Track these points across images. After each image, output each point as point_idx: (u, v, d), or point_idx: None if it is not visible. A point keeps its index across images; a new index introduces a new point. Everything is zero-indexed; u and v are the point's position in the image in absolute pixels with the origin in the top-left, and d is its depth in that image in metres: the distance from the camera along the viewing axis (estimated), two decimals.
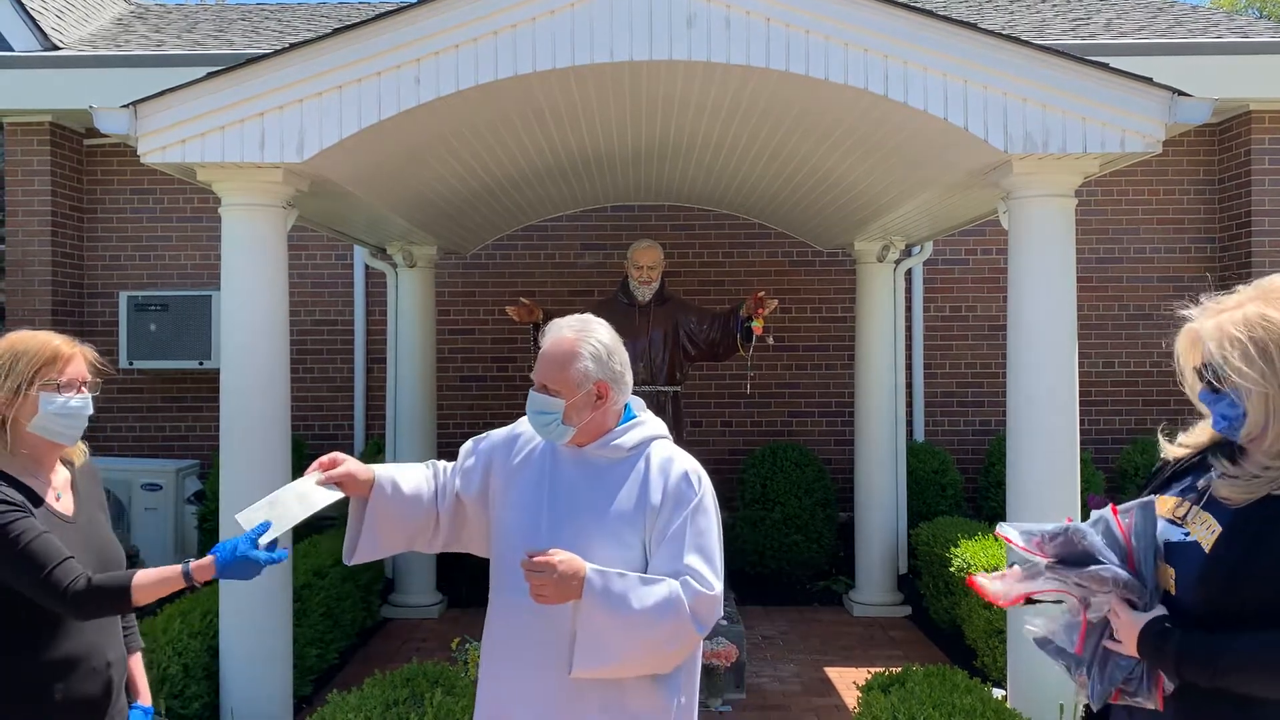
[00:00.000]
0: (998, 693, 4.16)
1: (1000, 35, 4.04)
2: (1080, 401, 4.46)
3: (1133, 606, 1.80)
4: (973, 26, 4.03)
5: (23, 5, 8.04)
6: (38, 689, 2.20)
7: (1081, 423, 4.60)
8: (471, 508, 2.46)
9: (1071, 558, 1.84)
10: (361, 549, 2.39)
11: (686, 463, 2.37)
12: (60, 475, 2.41)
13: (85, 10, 9.43)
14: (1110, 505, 1.88)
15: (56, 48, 7.97)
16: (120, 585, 2.15)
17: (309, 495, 2.25)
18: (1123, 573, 1.79)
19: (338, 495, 2.30)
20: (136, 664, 2.55)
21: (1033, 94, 4.01)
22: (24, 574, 2.14)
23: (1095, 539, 1.83)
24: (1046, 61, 4.02)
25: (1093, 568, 1.80)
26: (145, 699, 2.52)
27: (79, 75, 7.59)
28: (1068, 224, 4.26)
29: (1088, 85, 4.01)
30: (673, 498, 2.30)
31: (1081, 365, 8.19)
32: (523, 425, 2.49)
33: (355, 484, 2.34)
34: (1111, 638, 1.83)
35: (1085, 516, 1.97)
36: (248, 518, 2.18)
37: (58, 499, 2.34)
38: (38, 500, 2.27)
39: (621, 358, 2.40)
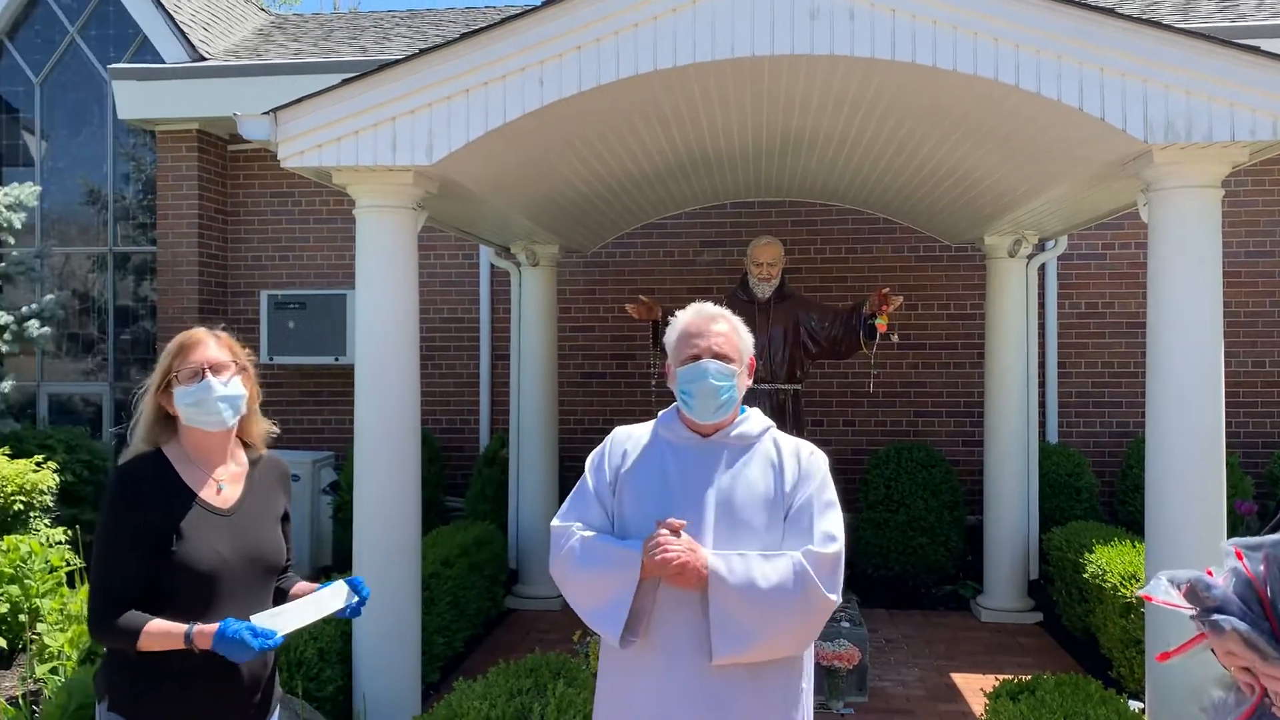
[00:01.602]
0: (1135, 705, 4.00)
1: (1138, 19, 3.87)
2: (1227, 403, 4.24)
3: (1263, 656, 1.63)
4: (1109, 11, 3.87)
5: (174, 20, 8.50)
6: (168, 673, 2.31)
7: (1228, 425, 4.38)
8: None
9: (1203, 610, 1.72)
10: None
11: (809, 445, 2.46)
12: (233, 465, 2.51)
13: (229, 22, 9.91)
14: (1235, 549, 1.72)
15: (203, 58, 8.41)
16: (133, 630, 2.25)
17: (319, 603, 2.40)
18: (1240, 625, 1.64)
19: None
20: (304, 586, 2.64)
21: (1175, 80, 3.83)
22: (94, 577, 2.32)
23: (1220, 592, 1.68)
24: (1189, 45, 3.82)
25: (1215, 617, 1.67)
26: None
27: (223, 84, 7.99)
28: (1213, 216, 4.05)
29: (1235, 69, 3.80)
30: (805, 473, 2.37)
31: (1228, 364, 7.82)
32: (616, 435, 2.50)
33: None
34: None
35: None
36: (259, 620, 2.28)
37: (219, 491, 2.44)
38: (191, 494, 2.39)
39: None
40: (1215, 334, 4.04)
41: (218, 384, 2.40)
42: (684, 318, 2.43)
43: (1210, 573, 1.72)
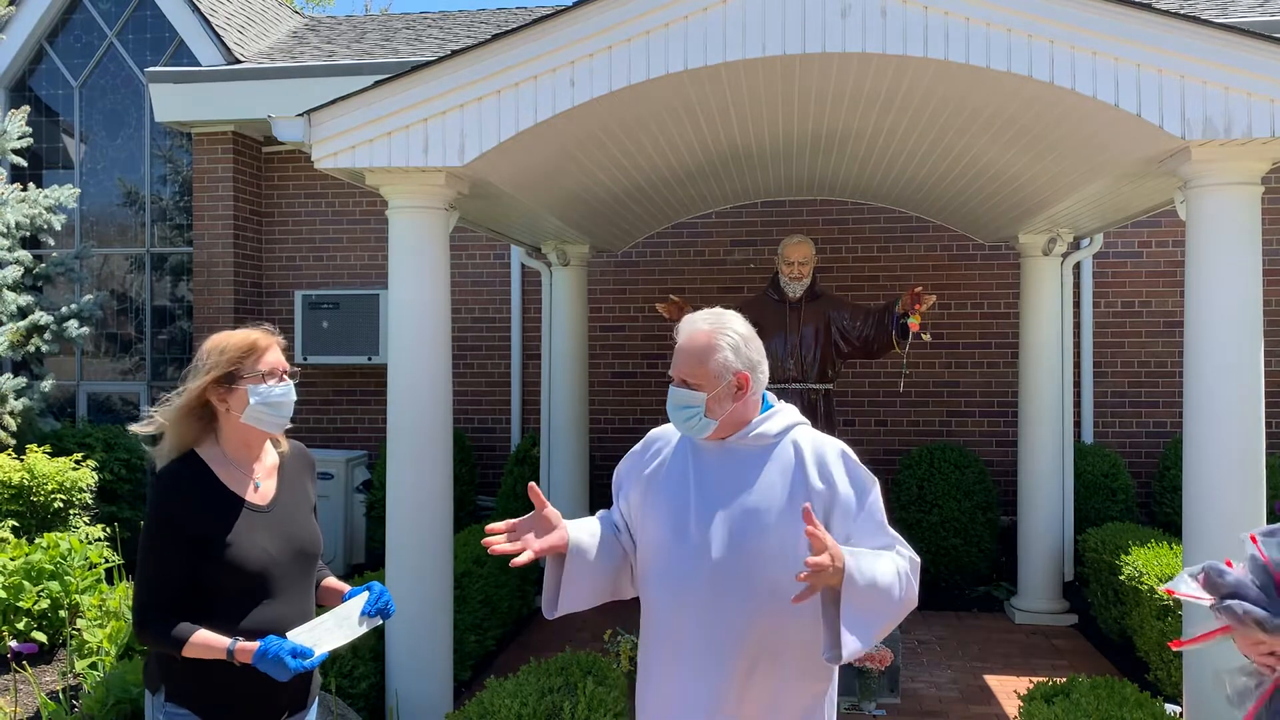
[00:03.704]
0: (1172, 709, 3.94)
1: (1176, 15, 3.82)
2: (1266, 402, 4.17)
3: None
4: (1145, 6, 3.82)
5: (209, 24, 8.60)
6: (221, 661, 2.34)
7: (1268, 425, 4.31)
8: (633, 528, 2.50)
9: (1219, 597, 1.76)
10: (562, 603, 2.38)
11: (838, 444, 2.39)
12: (267, 461, 2.55)
13: (263, 25, 10.01)
14: (1250, 535, 1.76)
15: (238, 61, 8.50)
16: (180, 639, 2.31)
17: (349, 622, 2.44)
18: (1252, 608, 1.69)
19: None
20: (332, 583, 2.68)
21: (1213, 75, 3.78)
22: (139, 583, 2.36)
23: (1234, 578, 1.73)
24: (1227, 41, 3.77)
25: (1228, 603, 1.71)
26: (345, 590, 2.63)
27: (258, 86, 8.08)
28: (1252, 213, 3.99)
29: (1274, 64, 3.74)
30: (846, 480, 2.32)
31: (1268, 364, 7.70)
32: (652, 435, 2.54)
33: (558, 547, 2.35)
34: None
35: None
36: (295, 637, 2.34)
37: (256, 488, 2.48)
38: (234, 496, 2.42)
39: (757, 346, 2.41)
40: (1255, 333, 3.98)
41: (292, 390, 2.48)
42: (680, 333, 2.43)
43: (1229, 563, 1.76)
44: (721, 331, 2.35)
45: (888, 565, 2.23)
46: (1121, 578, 5.65)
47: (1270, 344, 7.35)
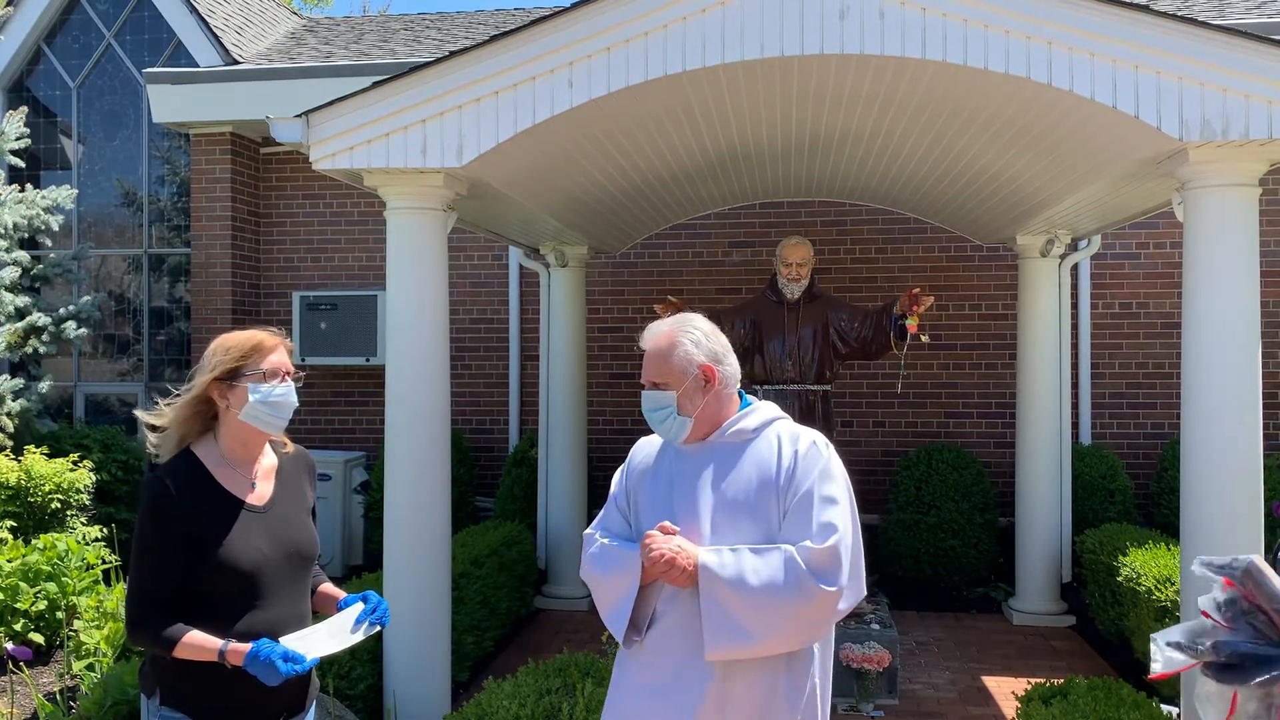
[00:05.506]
0: (1169, 710, 3.95)
1: (1173, 16, 3.82)
2: (1264, 404, 4.18)
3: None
4: (1143, 9, 3.83)
5: (208, 24, 8.60)
6: (220, 665, 2.34)
7: (1266, 427, 4.32)
8: None
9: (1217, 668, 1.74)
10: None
11: (813, 434, 2.40)
12: (265, 462, 2.54)
13: (261, 26, 10.01)
14: (1224, 579, 1.75)
15: (236, 62, 8.50)
16: (171, 639, 2.30)
17: (344, 631, 2.44)
18: (1255, 679, 1.67)
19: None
20: (328, 589, 2.68)
21: (1211, 77, 3.78)
22: (132, 583, 2.35)
23: (1223, 640, 1.71)
24: (1225, 42, 3.78)
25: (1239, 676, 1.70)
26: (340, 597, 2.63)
27: (256, 87, 8.08)
28: (1250, 215, 4.00)
29: (1273, 66, 3.74)
30: (801, 464, 2.32)
31: (1265, 365, 7.71)
32: (636, 446, 2.57)
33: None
34: None
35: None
36: (289, 643, 2.34)
37: (253, 488, 2.47)
38: (229, 495, 2.41)
39: (722, 341, 2.45)
40: (1252, 334, 3.98)
41: (293, 392, 2.47)
42: (644, 340, 2.48)
43: (1206, 614, 1.75)
44: (682, 330, 2.42)
45: (768, 560, 2.21)
46: (1119, 579, 5.65)
47: (1269, 344, 7.36)
